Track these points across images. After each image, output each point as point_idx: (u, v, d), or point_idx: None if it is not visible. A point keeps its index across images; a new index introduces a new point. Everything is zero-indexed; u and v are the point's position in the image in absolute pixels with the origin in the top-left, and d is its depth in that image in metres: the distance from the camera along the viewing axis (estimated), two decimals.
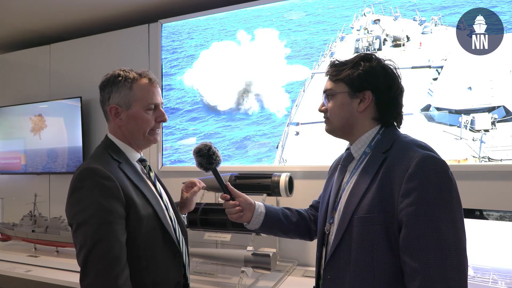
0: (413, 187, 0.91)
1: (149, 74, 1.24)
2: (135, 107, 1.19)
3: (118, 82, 1.19)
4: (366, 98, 1.06)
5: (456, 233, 0.89)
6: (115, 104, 1.19)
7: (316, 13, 2.27)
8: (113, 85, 1.19)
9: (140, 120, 1.20)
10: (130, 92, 1.19)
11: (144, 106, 1.21)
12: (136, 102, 1.19)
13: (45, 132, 3.16)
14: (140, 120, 1.20)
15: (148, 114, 1.21)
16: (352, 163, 1.13)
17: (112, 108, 1.20)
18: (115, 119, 1.21)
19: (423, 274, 0.87)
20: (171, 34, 2.69)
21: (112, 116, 1.20)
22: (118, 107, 1.19)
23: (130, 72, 1.21)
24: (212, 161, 1.21)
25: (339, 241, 1.03)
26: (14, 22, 2.96)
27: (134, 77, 1.20)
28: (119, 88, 1.19)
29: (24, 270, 2.19)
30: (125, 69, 1.22)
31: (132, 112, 1.19)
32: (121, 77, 1.19)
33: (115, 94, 1.19)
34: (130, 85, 1.19)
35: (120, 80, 1.19)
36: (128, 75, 1.20)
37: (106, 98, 1.21)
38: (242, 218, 1.26)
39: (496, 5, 1.83)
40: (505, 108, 1.80)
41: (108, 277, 1.01)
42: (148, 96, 1.21)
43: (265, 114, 2.38)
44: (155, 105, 1.23)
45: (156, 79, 1.26)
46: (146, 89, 1.21)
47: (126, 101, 1.19)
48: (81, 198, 1.07)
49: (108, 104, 1.20)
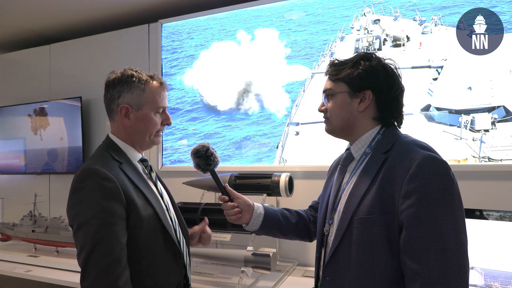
0: (414, 188, 0.90)
1: (160, 78, 1.26)
2: (145, 109, 1.21)
3: (132, 83, 1.20)
4: (366, 97, 1.05)
5: (457, 235, 0.88)
6: (126, 104, 1.20)
7: (316, 13, 2.27)
8: (125, 85, 1.20)
9: (148, 122, 1.22)
10: (142, 94, 1.20)
11: (154, 109, 1.22)
12: (147, 104, 1.21)
13: (45, 132, 3.16)
14: (149, 122, 1.22)
15: (156, 117, 1.23)
16: (352, 163, 1.12)
17: (123, 107, 1.20)
18: (124, 119, 1.21)
19: (424, 277, 0.86)
20: (171, 34, 2.69)
21: (122, 115, 1.21)
22: (129, 107, 1.20)
23: (142, 73, 1.23)
24: (210, 162, 1.20)
25: (338, 242, 1.02)
26: (14, 22, 2.96)
27: (147, 80, 1.22)
28: (132, 89, 1.20)
29: (24, 270, 2.19)
30: (137, 70, 1.23)
31: (142, 113, 1.21)
32: (135, 78, 1.20)
33: (127, 94, 1.20)
34: (144, 87, 1.20)
35: (134, 81, 1.20)
36: (141, 76, 1.21)
37: (116, 97, 1.21)
38: (240, 220, 1.25)
39: (496, 5, 1.83)
40: (505, 108, 1.80)
41: (109, 278, 1.01)
42: (159, 99, 1.23)
43: (265, 114, 2.38)
44: (163, 109, 1.25)
45: (166, 82, 1.28)
46: (158, 92, 1.23)
47: (138, 102, 1.20)
48: (82, 199, 1.07)
49: (117, 103, 1.21)
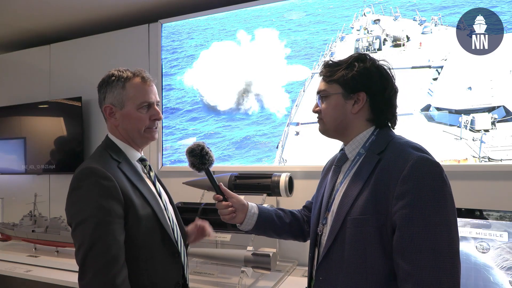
0: (407, 189, 0.90)
1: (143, 73, 1.24)
2: (128, 106, 1.21)
3: (112, 82, 1.21)
4: (360, 99, 1.05)
5: (450, 236, 0.88)
6: (109, 104, 1.21)
7: (316, 13, 2.27)
8: (108, 85, 1.21)
9: (133, 119, 1.21)
10: (123, 92, 1.20)
11: (137, 105, 1.21)
12: (129, 101, 1.21)
13: (45, 132, 3.16)
14: (134, 119, 1.21)
15: (141, 113, 1.22)
16: (346, 164, 1.12)
17: (107, 107, 1.22)
18: (110, 119, 1.23)
19: (416, 277, 0.86)
20: (171, 34, 2.69)
21: (107, 115, 1.23)
22: (112, 107, 1.21)
23: (124, 71, 1.23)
24: (204, 161, 1.20)
25: (331, 242, 1.02)
26: (14, 22, 2.96)
27: (127, 76, 1.21)
28: (113, 88, 1.21)
29: (24, 270, 2.19)
30: (120, 69, 1.23)
31: (125, 111, 1.21)
32: (115, 77, 1.21)
33: (109, 94, 1.21)
34: (123, 85, 1.20)
35: (114, 80, 1.21)
36: (122, 74, 1.21)
37: (102, 98, 1.23)
38: (235, 219, 1.26)
39: (496, 5, 1.83)
40: (505, 108, 1.80)
41: (106, 276, 1.01)
42: (140, 94, 1.21)
43: (265, 114, 2.38)
44: (149, 104, 1.23)
45: (150, 77, 1.26)
46: (139, 87, 1.22)
47: (120, 101, 1.20)
48: (80, 198, 1.07)
49: (103, 104, 1.23)
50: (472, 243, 1.45)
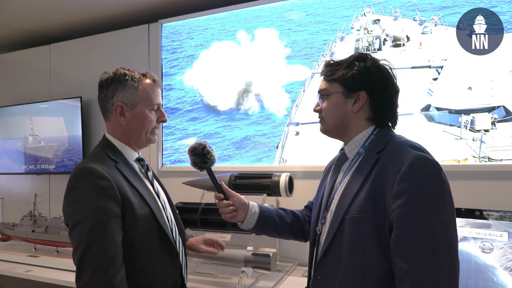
0: (405, 188, 0.90)
1: (153, 75, 1.27)
2: (140, 106, 1.21)
3: (125, 81, 1.20)
4: (361, 98, 1.06)
5: (448, 236, 0.88)
6: (120, 103, 1.20)
7: (316, 13, 2.27)
8: (119, 84, 1.20)
9: (144, 119, 1.22)
10: (136, 92, 1.21)
11: (149, 106, 1.23)
12: (142, 102, 1.22)
13: (45, 132, 3.16)
14: (144, 119, 1.22)
15: (151, 114, 1.24)
16: (345, 163, 1.12)
17: (118, 106, 1.20)
18: (119, 118, 1.21)
19: (414, 276, 0.86)
20: (171, 34, 2.69)
21: (117, 114, 1.21)
22: (123, 106, 1.20)
23: (134, 71, 1.24)
24: (206, 160, 1.21)
25: (330, 241, 1.02)
26: (14, 22, 2.96)
27: (139, 77, 1.23)
28: (126, 87, 1.20)
29: (24, 270, 2.19)
30: (129, 69, 1.24)
31: (137, 111, 1.21)
32: (128, 76, 1.21)
33: (121, 92, 1.20)
34: (137, 85, 1.21)
35: (127, 79, 1.20)
36: (134, 74, 1.22)
37: (110, 96, 1.21)
38: (235, 218, 1.26)
39: (496, 5, 1.83)
40: (505, 108, 1.80)
41: (103, 277, 1.01)
42: (153, 96, 1.24)
43: (265, 114, 2.38)
44: (158, 106, 1.26)
45: (158, 80, 1.28)
46: (151, 89, 1.24)
47: (132, 100, 1.21)
48: (77, 198, 1.07)
49: (112, 102, 1.21)
50: (473, 243, 1.44)
